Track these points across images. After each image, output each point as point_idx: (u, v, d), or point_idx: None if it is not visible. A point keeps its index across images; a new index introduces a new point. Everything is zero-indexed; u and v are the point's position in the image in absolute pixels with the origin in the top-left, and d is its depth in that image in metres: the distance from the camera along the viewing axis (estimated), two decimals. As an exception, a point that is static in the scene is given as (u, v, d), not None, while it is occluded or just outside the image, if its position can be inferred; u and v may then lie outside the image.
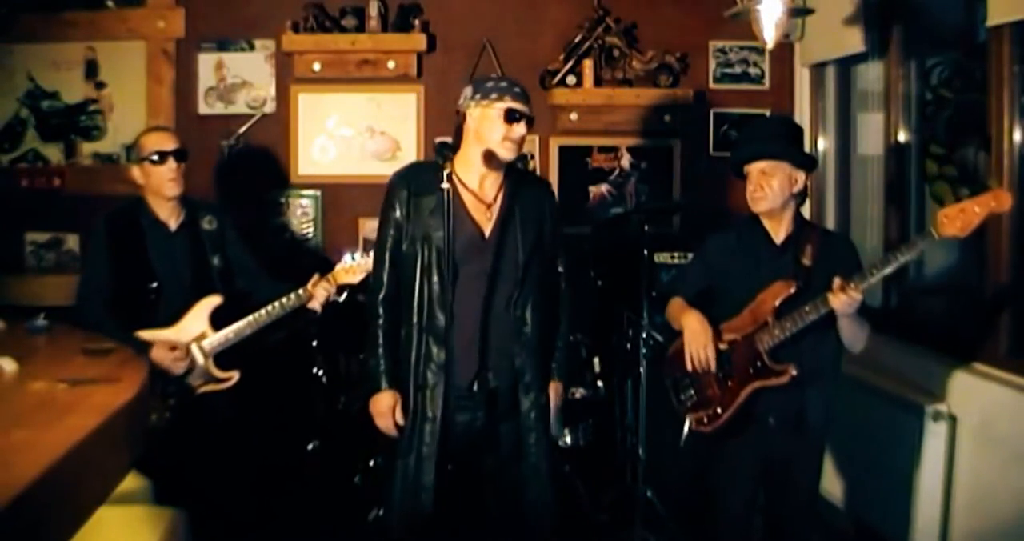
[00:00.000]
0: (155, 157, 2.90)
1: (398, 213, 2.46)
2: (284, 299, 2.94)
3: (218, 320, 2.93)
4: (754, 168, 2.55)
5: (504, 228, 2.45)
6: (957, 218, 2.22)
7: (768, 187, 2.53)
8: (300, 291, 2.97)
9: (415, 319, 2.44)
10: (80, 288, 2.97)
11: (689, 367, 2.62)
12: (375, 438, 2.59)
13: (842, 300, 2.36)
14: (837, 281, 2.38)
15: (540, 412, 2.50)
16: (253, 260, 3.15)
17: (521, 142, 2.43)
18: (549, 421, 2.55)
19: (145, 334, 2.83)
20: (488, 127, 2.40)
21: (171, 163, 2.91)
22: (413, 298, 2.44)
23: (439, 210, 2.34)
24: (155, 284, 2.91)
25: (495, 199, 2.47)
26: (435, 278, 2.40)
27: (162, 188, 2.92)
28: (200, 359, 2.90)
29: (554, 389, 2.58)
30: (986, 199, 2.22)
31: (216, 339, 2.91)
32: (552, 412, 2.56)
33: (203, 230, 3.03)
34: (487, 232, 2.45)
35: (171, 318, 2.88)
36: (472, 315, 2.41)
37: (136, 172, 2.96)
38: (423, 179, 2.45)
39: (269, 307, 2.94)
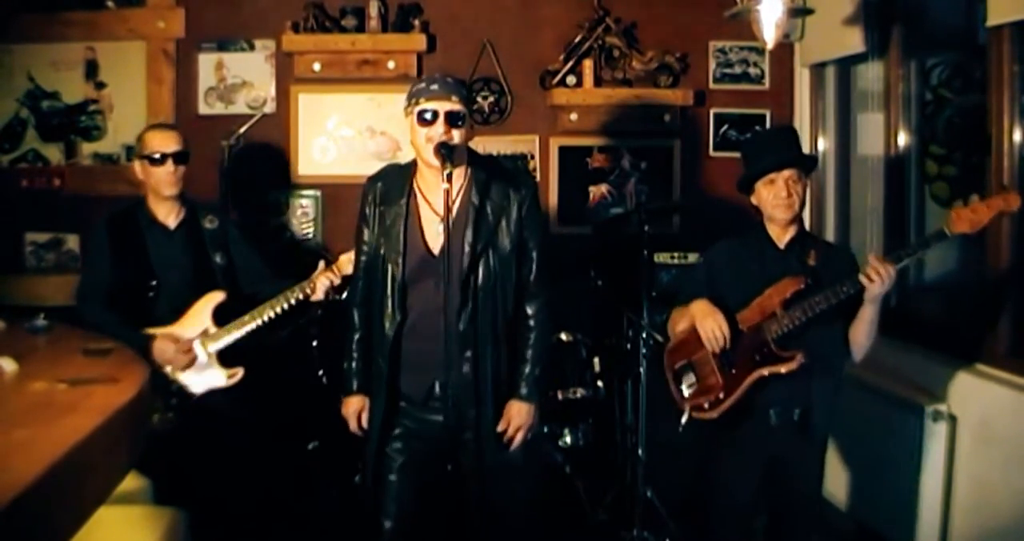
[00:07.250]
0: (155, 157, 2.92)
1: (365, 220, 2.45)
2: (288, 293, 2.91)
3: (223, 318, 2.92)
4: (782, 176, 2.58)
5: (451, 240, 2.29)
6: (967, 218, 2.33)
7: (796, 193, 2.59)
8: (304, 283, 2.93)
9: (375, 328, 2.45)
10: (79, 288, 3.00)
11: (707, 346, 2.59)
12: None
13: (875, 277, 2.38)
14: (872, 258, 2.41)
15: (490, 431, 2.37)
16: (258, 259, 3.15)
17: (449, 138, 2.27)
18: (511, 442, 2.38)
19: (148, 331, 2.84)
20: (413, 134, 2.34)
21: (170, 165, 2.93)
22: (376, 308, 2.45)
23: (396, 227, 2.37)
24: (154, 282, 2.93)
25: (450, 210, 2.29)
26: (388, 294, 2.40)
27: (159, 187, 2.95)
28: (204, 356, 2.89)
29: (515, 410, 2.38)
30: (996, 200, 2.33)
31: (220, 336, 2.91)
32: (512, 434, 2.38)
33: (204, 229, 3.04)
34: (436, 249, 2.36)
35: (172, 316, 2.89)
36: (428, 328, 2.32)
37: (137, 168, 3.00)
38: (389, 186, 2.44)
39: (273, 302, 2.92)
